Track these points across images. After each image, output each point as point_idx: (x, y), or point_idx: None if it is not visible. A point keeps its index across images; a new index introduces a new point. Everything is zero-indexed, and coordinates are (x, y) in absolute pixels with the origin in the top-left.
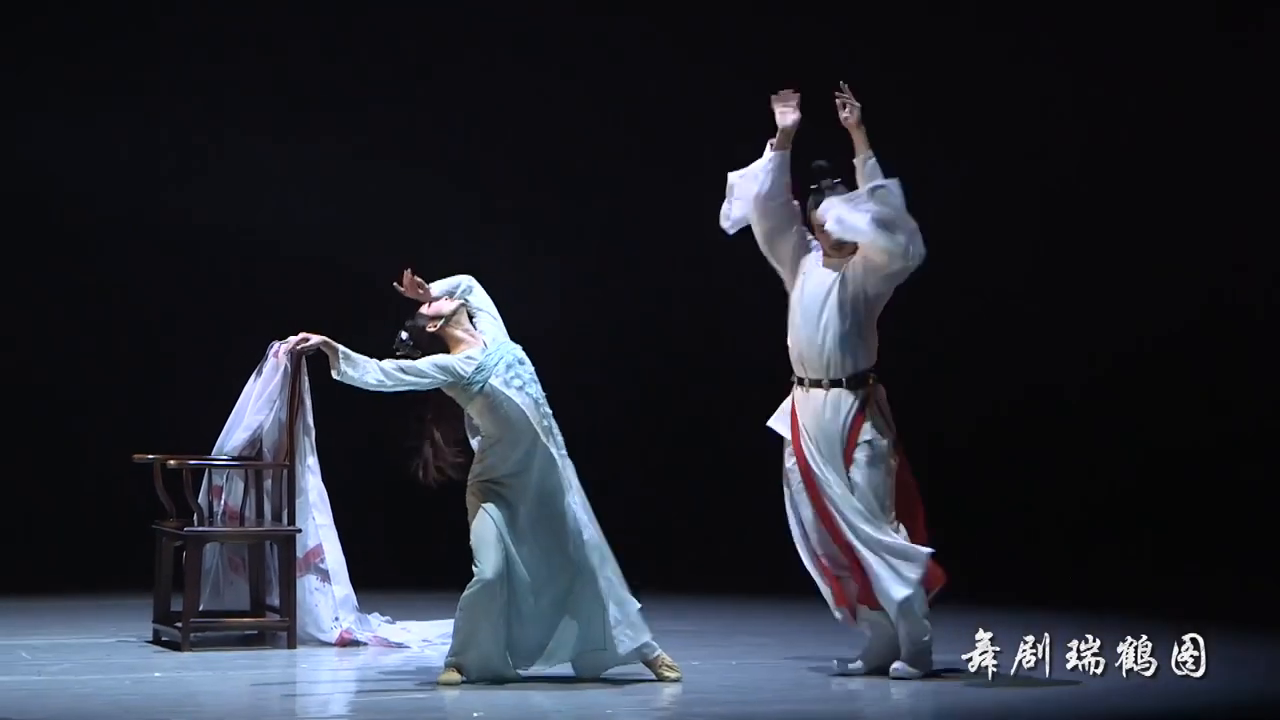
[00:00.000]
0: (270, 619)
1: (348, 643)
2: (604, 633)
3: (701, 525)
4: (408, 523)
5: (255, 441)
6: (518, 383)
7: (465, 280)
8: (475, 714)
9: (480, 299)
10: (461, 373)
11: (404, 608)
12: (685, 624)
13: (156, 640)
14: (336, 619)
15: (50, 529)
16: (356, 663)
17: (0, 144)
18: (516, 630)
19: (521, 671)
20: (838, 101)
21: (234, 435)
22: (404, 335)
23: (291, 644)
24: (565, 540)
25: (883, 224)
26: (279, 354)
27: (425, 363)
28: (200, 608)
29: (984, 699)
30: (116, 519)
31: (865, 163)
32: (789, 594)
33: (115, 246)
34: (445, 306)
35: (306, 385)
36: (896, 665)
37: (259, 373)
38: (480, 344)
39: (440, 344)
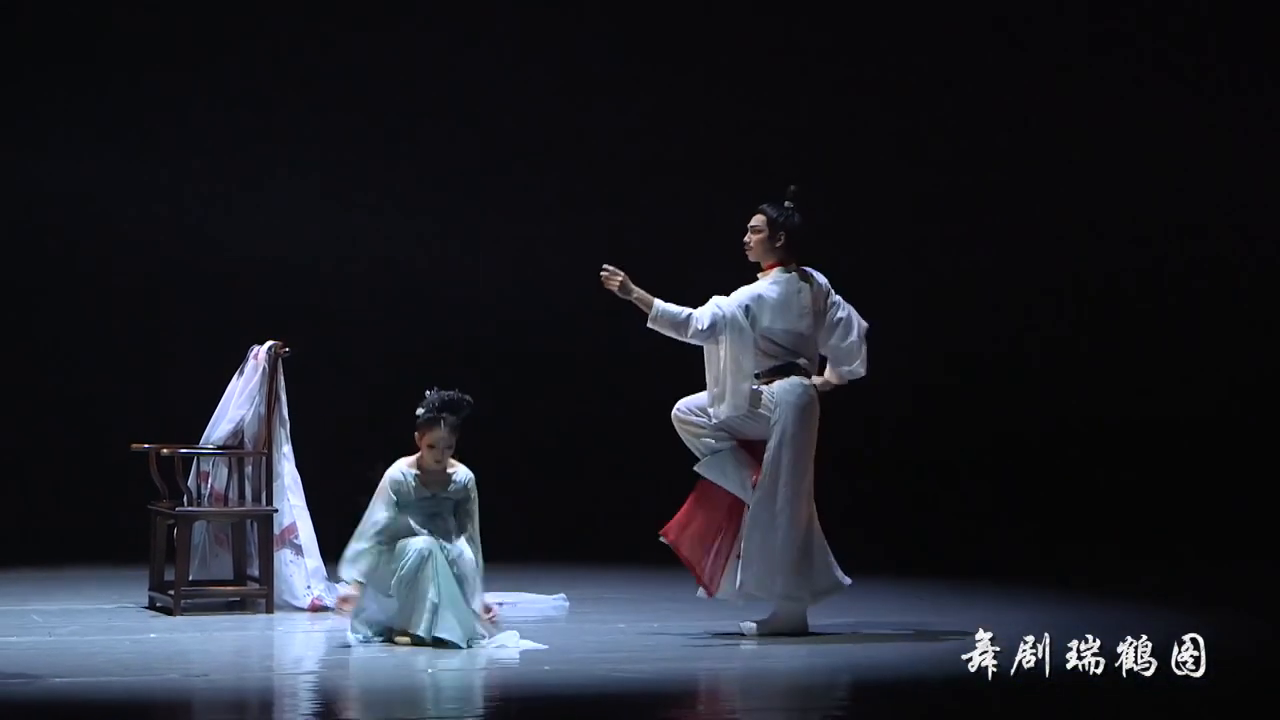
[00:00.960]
0: (251, 588)
1: (318, 608)
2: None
3: None
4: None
5: (238, 432)
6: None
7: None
8: (428, 670)
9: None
10: None
11: None
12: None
13: (152, 606)
14: (309, 588)
15: (60, 508)
16: (326, 626)
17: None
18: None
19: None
20: (602, 277)
21: (219, 427)
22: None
23: (269, 609)
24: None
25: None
26: (258, 356)
27: None
28: (190, 578)
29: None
30: (117, 500)
31: (657, 309)
32: None
33: (121, 264)
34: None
35: (282, 383)
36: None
37: (241, 372)
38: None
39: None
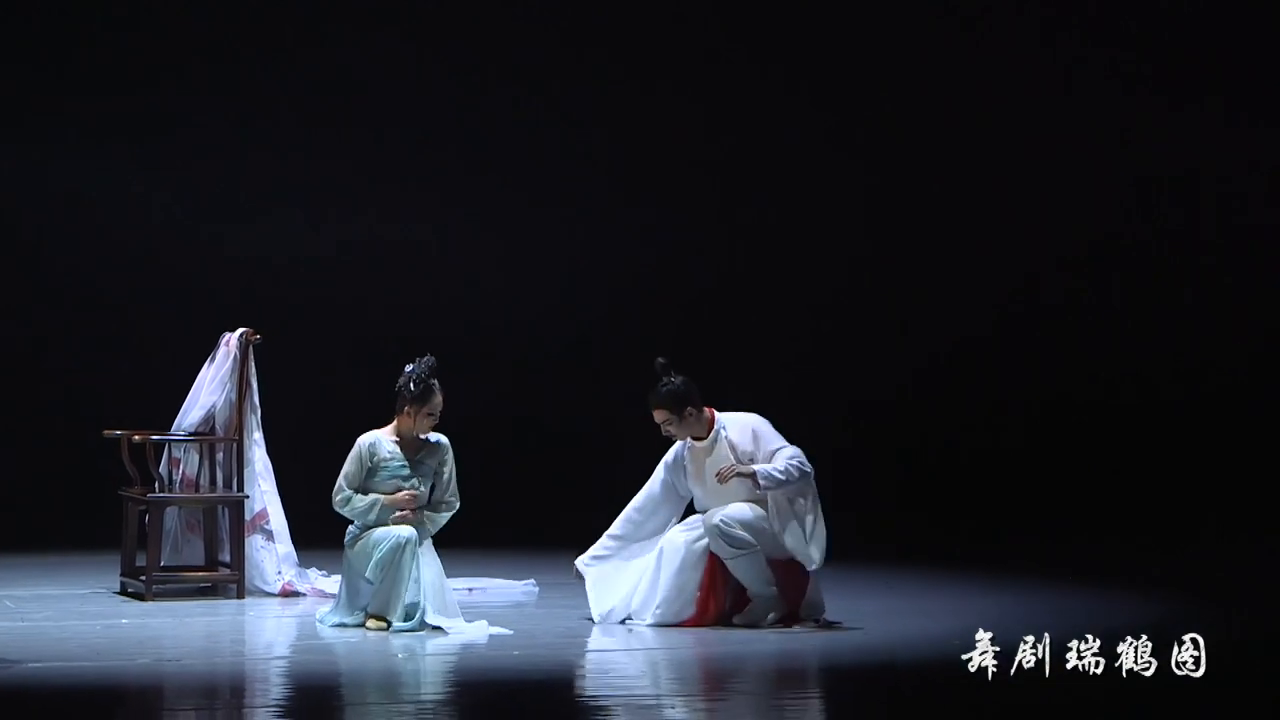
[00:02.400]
0: (222, 573)
1: (289, 593)
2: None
3: None
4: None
5: (209, 419)
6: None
7: None
8: (400, 655)
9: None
10: None
11: (339, 563)
12: None
13: (124, 591)
14: (279, 573)
15: (31, 494)
16: (297, 611)
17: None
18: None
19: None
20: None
21: (190, 414)
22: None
23: (241, 594)
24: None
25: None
26: (229, 343)
27: None
28: (161, 563)
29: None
30: (89, 486)
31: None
32: None
33: (93, 252)
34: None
35: (254, 370)
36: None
37: (212, 359)
38: None
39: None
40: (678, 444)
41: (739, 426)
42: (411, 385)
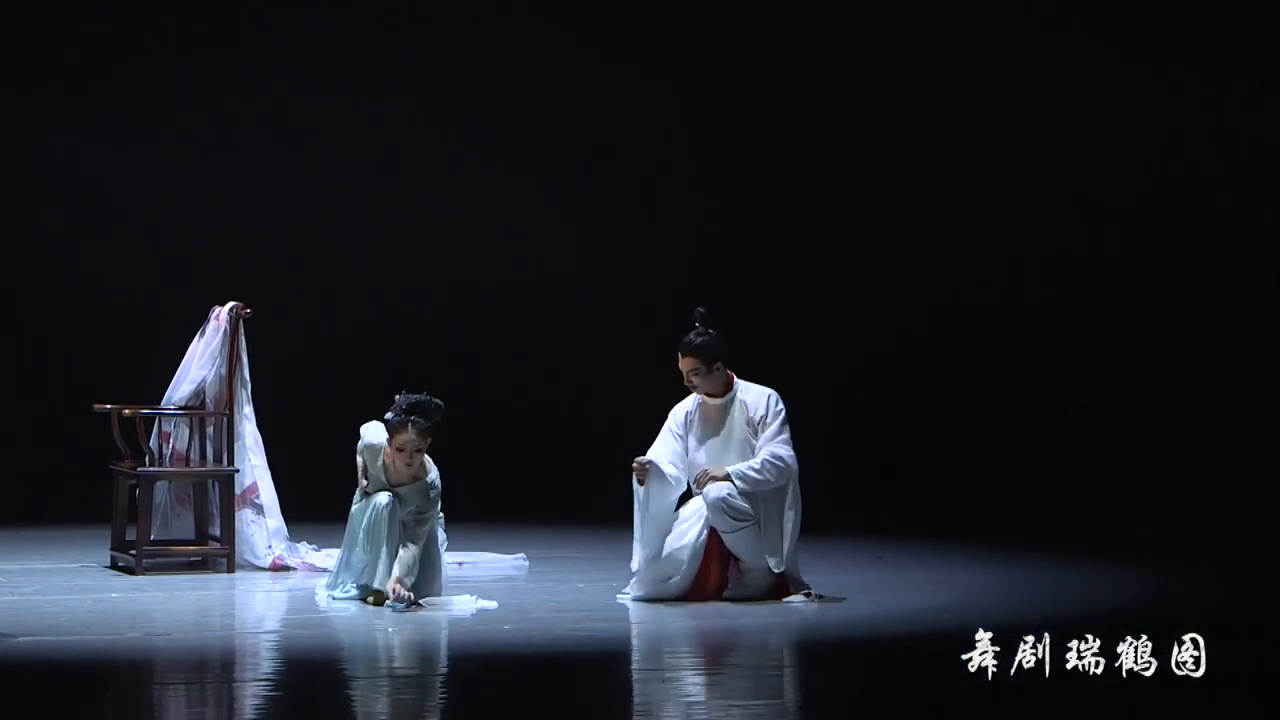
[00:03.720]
0: (212, 547)
1: (280, 568)
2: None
3: None
4: (334, 463)
5: (199, 393)
6: None
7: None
8: (390, 629)
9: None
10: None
11: (329, 537)
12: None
13: (114, 565)
14: (270, 547)
15: (21, 469)
16: (287, 585)
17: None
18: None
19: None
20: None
21: (180, 388)
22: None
23: (231, 569)
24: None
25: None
26: (219, 317)
27: None
28: (151, 537)
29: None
30: (79, 460)
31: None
32: None
33: (82, 226)
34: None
35: (244, 344)
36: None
37: (202, 333)
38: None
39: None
40: (679, 410)
41: (755, 393)
42: (388, 415)
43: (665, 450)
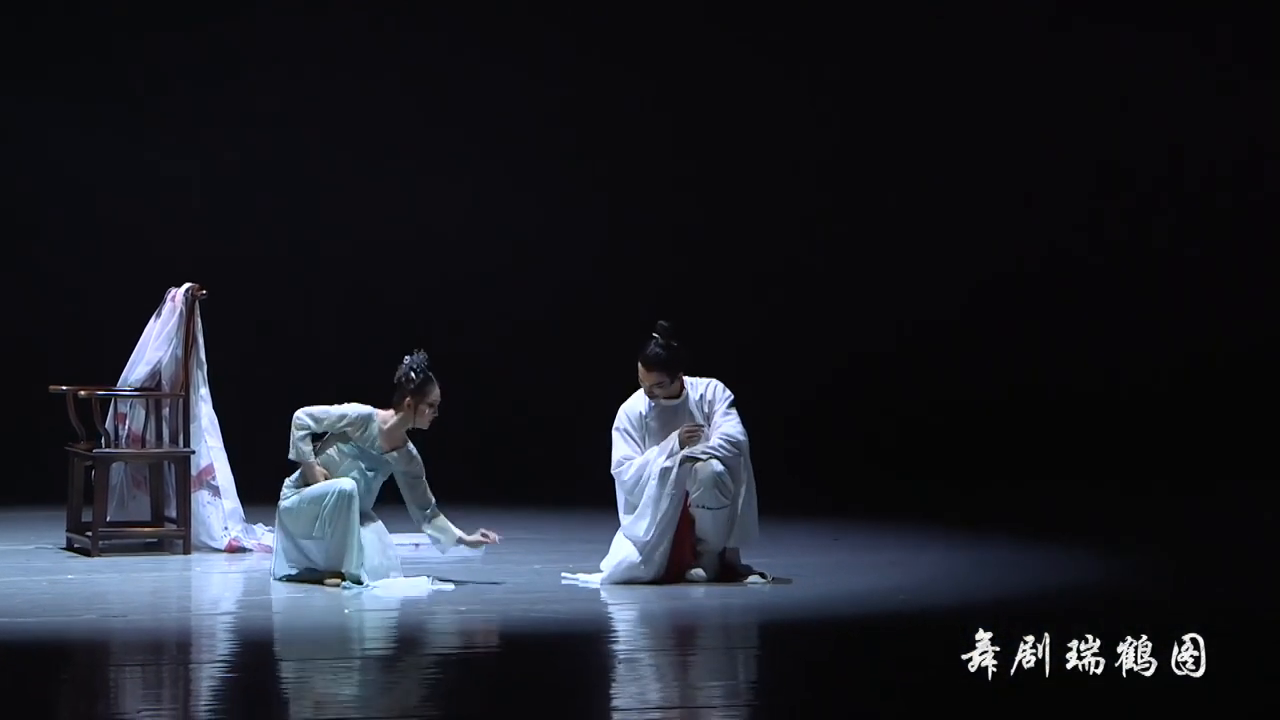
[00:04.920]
0: (168, 528)
1: (236, 549)
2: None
3: None
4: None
5: (155, 374)
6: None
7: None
8: (345, 611)
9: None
10: None
11: None
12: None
13: (70, 547)
14: (226, 529)
15: None
16: (243, 566)
17: None
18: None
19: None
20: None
21: (136, 369)
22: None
23: (187, 550)
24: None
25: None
26: (175, 298)
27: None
28: (108, 519)
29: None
30: (35, 441)
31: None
32: None
33: (37, 206)
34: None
35: (200, 325)
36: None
37: (158, 314)
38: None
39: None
40: (631, 411)
41: (703, 384)
42: (412, 374)
43: (630, 453)
